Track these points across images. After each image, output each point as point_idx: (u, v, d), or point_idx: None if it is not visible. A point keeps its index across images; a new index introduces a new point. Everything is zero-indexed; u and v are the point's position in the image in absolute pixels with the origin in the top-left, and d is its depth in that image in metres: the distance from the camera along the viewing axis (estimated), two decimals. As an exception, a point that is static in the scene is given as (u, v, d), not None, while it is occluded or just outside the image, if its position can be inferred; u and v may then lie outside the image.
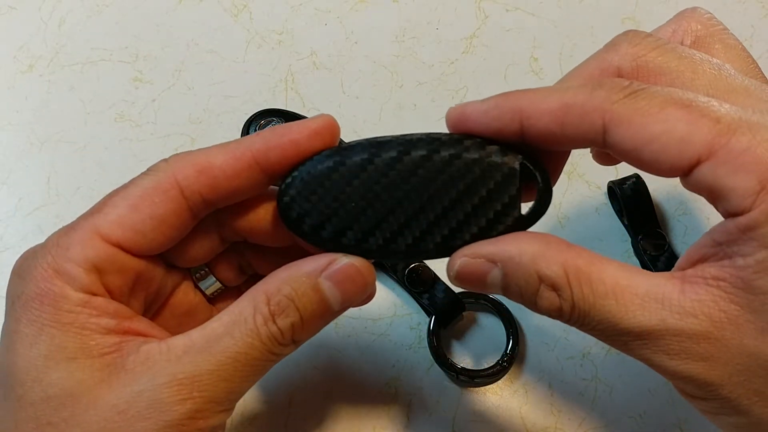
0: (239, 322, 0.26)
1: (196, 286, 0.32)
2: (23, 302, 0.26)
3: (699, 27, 0.30)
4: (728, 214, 0.23)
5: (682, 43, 0.30)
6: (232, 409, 0.28)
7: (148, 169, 0.28)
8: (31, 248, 0.28)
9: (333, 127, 0.28)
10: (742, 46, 0.30)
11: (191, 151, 0.28)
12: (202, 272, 0.32)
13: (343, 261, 0.27)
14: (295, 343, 0.27)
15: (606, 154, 0.30)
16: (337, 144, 0.28)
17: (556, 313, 0.25)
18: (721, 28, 0.30)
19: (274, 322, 0.26)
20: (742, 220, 0.23)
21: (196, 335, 0.26)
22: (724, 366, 0.23)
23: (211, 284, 0.32)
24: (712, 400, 0.24)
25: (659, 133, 0.23)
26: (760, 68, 0.29)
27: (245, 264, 0.32)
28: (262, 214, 0.29)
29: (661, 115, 0.23)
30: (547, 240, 0.25)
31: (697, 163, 0.23)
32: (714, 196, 0.23)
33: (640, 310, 0.24)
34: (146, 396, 0.25)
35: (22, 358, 0.26)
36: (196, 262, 0.31)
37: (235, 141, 0.28)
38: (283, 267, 0.27)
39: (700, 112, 0.23)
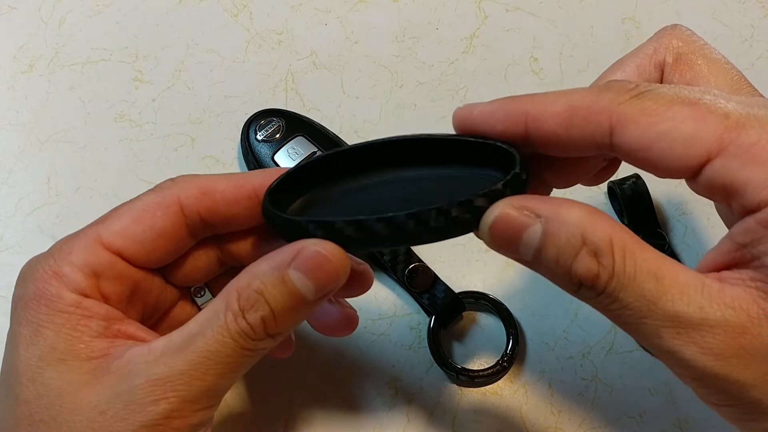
0: (212, 320, 0.26)
1: (194, 302, 0.33)
2: (23, 303, 0.27)
3: (680, 44, 0.30)
4: (745, 211, 0.23)
5: (664, 61, 0.30)
6: (213, 406, 0.28)
7: (155, 186, 0.30)
8: (37, 255, 0.29)
9: None
10: (726, 59, 0.29)
11: (198, 175, 0.30)
12: (200, 288, 0.33)
13: (311, 249, 0.26)
14: (272, 336, 0.27)
15: (595, 175, 0.30)
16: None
17: (591, 281, 0.23)
18: (702, 43, 0.30)
19: (244, 317, 0.26)
20: (761, 215, 0.22)
21: (175, 336, 0.27)
22: (758, 365, 0.23)
23: (206, 300, 0.33)
24: (741, 405, 0.24)
25: (667, 131, 0.23)
26: (746, 79, 0.29)
27: None
28: (259, 242, 0.31)
29: (668, 113, 0.23)
30: (595, 210, 0.24)
31: (707, 161, 0.23)
32: (727, 192, 0.23)
33: (680, 295, 0.23)
34: (124, 397, 0.26)
35: (21, 359, 0.27)
36: (195, 282, 0.32)
37: (239, 173, 0.30)
38: (256, 261, 0.27)
39: (708, 109, 0.23)
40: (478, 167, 0.27)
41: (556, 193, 0.29)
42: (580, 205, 0.24)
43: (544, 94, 0.25)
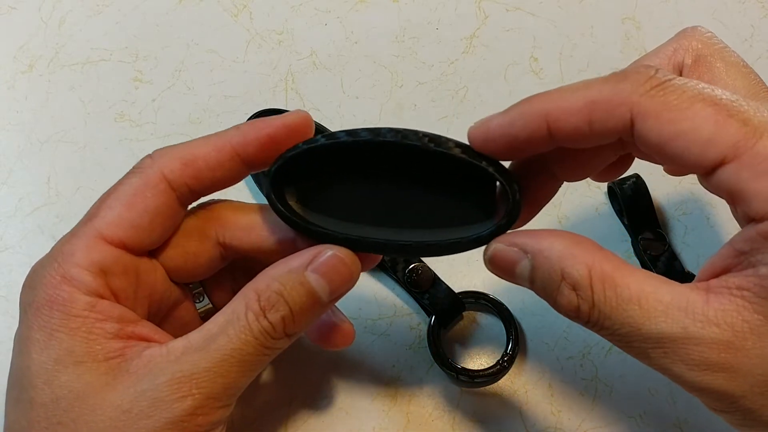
0: (233, 321, 0.27)
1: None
2: (34, 309, 0.27)
3: (700, 46, 0.30)
4: (748, 219, 0.23)
5: (683, 62, 0.30)
6: (231, 405, 0.28)
7: (134, 167, 0.30)
8: (38, 260, 0.29)
9: (308, 123, 0.29)
10: (744, 62, 0.29)
11: (174, 145, 0.30)
12: (198, 293, 0.33)
13: (328, 253, 0.27)
14: (288, 336, 0.28)
15: (605, 169, 0.30)
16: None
17: (574, 313, 0.25)
18: (722, 46, 0.30)
19: (265, 317, 0.27)
20: (763, 226, 0.22)
21: (193, 336, 0.27)
22: (745, 377, 0.23)
23: (204, 305, 0.33)
24: (735, 413, 0.24)
25: (686, 130, 0.23)
26: (765, 84, 0.29)
27: (238, 289, 0.33)
28: (263, 231, 0.31)
29: (689, 111, 0.23)
30: (578, 240, 0.25)
31: (721, 164, 0.23)
32: (735, 198, 0.23)
33: (663, 317, 0.23)
34: (148, 395, 0.26)
35: (34, 362, 0.27)
36: (198, 277, 0.32)
37: (215, 134, 0.30)
38: (272, 265, 0.28)
39: (728, 112, 0.23)
40: (479, 180, 0.28)
41: (565, 186, 0.29)
42: (563, 238, 0.25)
43: (560, 90, 0.25)
